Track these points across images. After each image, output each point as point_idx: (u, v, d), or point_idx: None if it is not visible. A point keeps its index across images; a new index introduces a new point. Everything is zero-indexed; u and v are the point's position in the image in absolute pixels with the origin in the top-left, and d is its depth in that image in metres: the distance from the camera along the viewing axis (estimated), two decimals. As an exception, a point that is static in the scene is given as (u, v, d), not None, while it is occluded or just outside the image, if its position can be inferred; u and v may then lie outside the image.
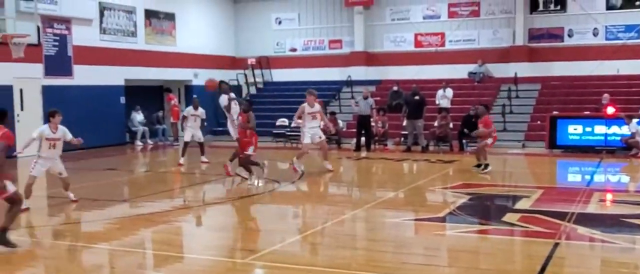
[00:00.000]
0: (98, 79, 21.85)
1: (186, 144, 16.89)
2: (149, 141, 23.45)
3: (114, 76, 22.66)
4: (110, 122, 22.53)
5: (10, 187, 7.91)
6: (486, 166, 14.73)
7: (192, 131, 16.92)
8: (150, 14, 24.58)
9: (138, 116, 23.68)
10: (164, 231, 9.23)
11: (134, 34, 23.83)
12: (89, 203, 11.28)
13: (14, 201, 7.95)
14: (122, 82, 23.17)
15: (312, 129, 14.69)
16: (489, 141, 15.14)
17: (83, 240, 8.92)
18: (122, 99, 23.28)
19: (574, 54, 23.92)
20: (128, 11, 23.59)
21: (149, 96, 25.60)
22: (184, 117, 17.39)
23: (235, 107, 14.95)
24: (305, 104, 14.67)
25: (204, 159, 16.82)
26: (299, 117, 14.88)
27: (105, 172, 16.08)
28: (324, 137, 15.18)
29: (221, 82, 16.18)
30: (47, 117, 11.16)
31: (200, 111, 17.16)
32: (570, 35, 24.32)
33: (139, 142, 23.16)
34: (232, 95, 15.61)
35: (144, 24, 24.28)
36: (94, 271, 7.42)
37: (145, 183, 15.00)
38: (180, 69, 25.69)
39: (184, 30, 26.13)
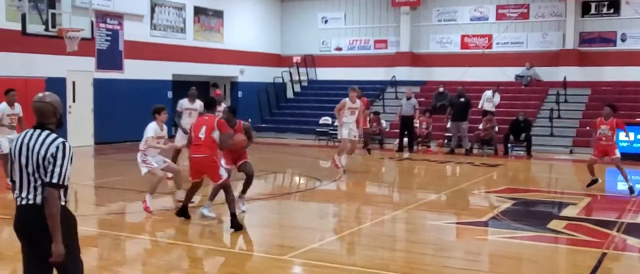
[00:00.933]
0: (147, 73, 22.27)
1: (178, 151, 13.78)
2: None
3: (162, 70, 23.07)
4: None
5: (224, 173, 8.87)
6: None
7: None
8: (199, 11, 24.88)
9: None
10: (206, 224, 9.23)
11: (183, 30, 24.17)
12: (134, 195, 11.38)
13: (228, 187, 8.80)
14: (170, 77, 23.56)
15: (349, 124, 14.40)
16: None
17: (127, 230, 9.02)
18: (170, 94, 23.57)
19: (626, 59, 23.28)
20: (178, 8, 23.92)
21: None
22: (177, 113, 14.19)
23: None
24: (347, 100, 14.37)
25: None
26: (339, 111, 14.46)
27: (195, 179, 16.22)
28: (357, 136, 14.85)
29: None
30: (153, 114, 10.36)
31: (198, 104, 13.90)
32: (623, 40, 23.67)
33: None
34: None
35: (192, 21, 24.64)
36: (137, 261, 7.50)
37: (187, 177, 15.02)
38: (226, 65, 25.95)
39: (231, 27, 26.36)
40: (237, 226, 8.62)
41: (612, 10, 23.81)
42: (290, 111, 26.12)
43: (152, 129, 10.04)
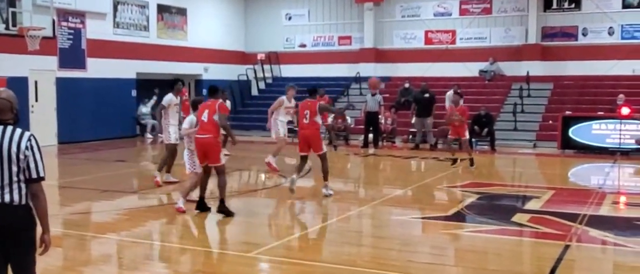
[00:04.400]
0: (110, 72, 22.05)
1: (173, 150, 12.49)
2: (160, 135, 23.37)
3: (126, 69, 22.85)
4: (122, 114, 22.76)
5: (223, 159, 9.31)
6: (455, 161, 15.00)
7: (174, 128, 12.54)
8: (162, 9, 24.67)
9: (143, 108, 23.64)
10: (172, 223, 9.18)
11: (146, 28, 23.95)
12: (99, 194, 11.24)
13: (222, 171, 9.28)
14: (133, 76, 23.35)
15: (285, 123, 14.15)
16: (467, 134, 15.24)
17: (92, 230, 8.89)
18: (134, 92, 23.40)
19: (588, 53, 23.59)
20: (141, 6, 23.69)
21: (160, 90, 25.65)
22: (163, 108, 12.61)
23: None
24: (284, 97, 13.96)
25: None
26: (275, 109, 13.83)
27: (115, 163, 16.19)
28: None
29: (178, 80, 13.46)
30: (194, 108, 9.98)
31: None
32: (584, 34, 23.99)
33: (149, 135, 23.17)
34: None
35: (156, 19, 24.43)
36: (102, 261, 7.39)
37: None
38: (191, 63, 25.77)
39: (195, 25, 26.18)
40: (226, 211, 9.14)
41: (573, 5, 24.11)
42: (255, 108, 25.95)
43: (188, 121, 10.01)
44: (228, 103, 16.73)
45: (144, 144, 21.91)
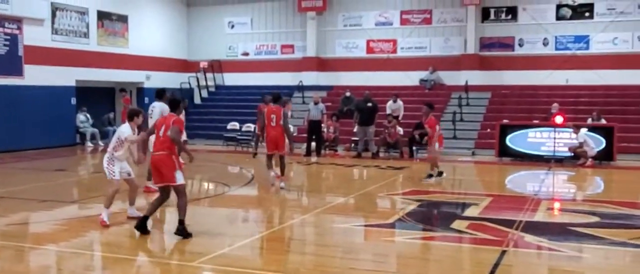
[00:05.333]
0: (49, 79, 21.66)
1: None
2: (100, 143, 23.01)
3: (65, 76, 22.46)
4: (61, 123, 22.34)
5: (180, 178, 8.65)
6: (440, 173, 14.85)
7: None
8: (102, 16, 24.31)
9: (81, 116, 23.23)
10: (113, 233, 9.01)
11: (86, 35, 23.58)
12: (37, 204, 10.96)
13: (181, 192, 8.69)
14: (73, 83, 22.92)
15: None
16: (437, 146, 15.06)
17: (30, 241, 8.70)
18: (73, 100, 23.00)
19: (524, 64, 24.28)
20: (80, 12, 23.29)
21: (101, 98, 25.31)
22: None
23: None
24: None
25: None
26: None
27: (54, 173, 15.86)
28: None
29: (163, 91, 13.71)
30: (130, 117, 9.55)
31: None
32: (520, 45, 24.67)
33: (89, 144, 22.79)
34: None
35: (96, 26, 24.07)
36: (39, 273, 7.25)
37: (94, 185, 14.63)
38: (132, 71, 25.46)
39: (136, 32, 25.88)
40: (183, 233, 8.55)
41: (510, 17, 24.77)
42: (198, 117, 25.76)
43: (128, 130, 9.40)
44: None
45: (84, 153, 21.50)
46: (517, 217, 10.08)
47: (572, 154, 18.28)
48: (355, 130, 20.86)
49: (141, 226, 8.77)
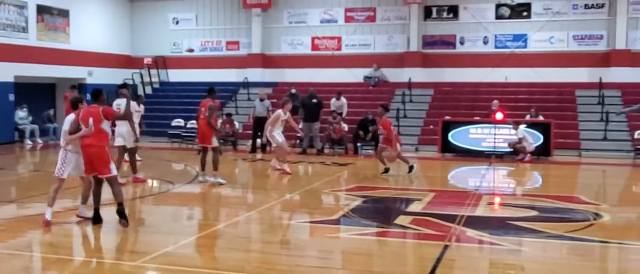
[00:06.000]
0: (-16, 74, 20.91)
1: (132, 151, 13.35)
2: (39, 140, 22.48)
3: (2, 72, 21.86)
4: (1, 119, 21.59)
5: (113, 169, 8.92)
6: (411, 168, 15.02)
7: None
8: (42, 10, 23.75)
9: (20, 113, 22.65)
10: (53, 233, 8.80)
11: (25, 29, 23.00)
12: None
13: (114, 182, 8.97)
14: (11, 79, 22.28)
15: (280, 133, 15.48)
16: (398, 146, 15.24)
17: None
18: (11, 96, 22.36)
19: (465, 61, 24.74)
20: (19, 6, 22.74)
21: (41, 94, 24.68)
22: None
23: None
24: (281, 111, 15.38)
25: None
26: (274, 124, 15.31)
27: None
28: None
29: (123, 86, 14.00)
30: (74, 107, 9.26)
31: (142, 108, 16.17)
32: (462, 43, 25.12)
33: (28, 141, 22.23)
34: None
35: (35, 20, 23.48)
36: None
37: (33, 183, 14.29)
38: (74, 66, 24.92)
39: (78, 27, 25.36)
40: (124, 215, 8.86)
41: (451, 15, 25.18)
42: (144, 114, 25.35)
43: (69, 122, 9.15)
44: (142, 108, 16.51)
45: (22, 151, 20.98)
46: (459, 212, 10.27)
47: (512, 149, 18.73)
48: (300, 126, 20.89)
49: (96, 218, 9.00)
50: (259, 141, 20.17)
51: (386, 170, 14.78)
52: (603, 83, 22.44)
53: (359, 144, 20.11)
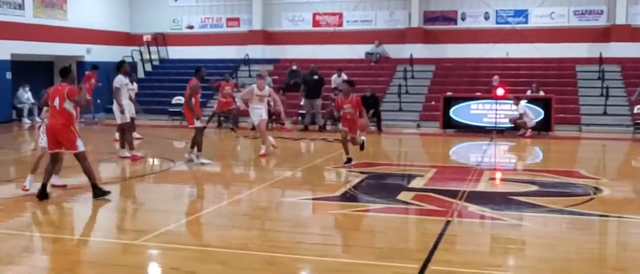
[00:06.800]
0: (-19, 52, 20.80)
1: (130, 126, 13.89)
2: (38, 118, 22.46)
3: (-1, 50, 21.61)
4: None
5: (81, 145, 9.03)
6: (349, 160, 12.71)
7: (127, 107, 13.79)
8: (38, -14, 23.51)
9: (25, 94, 22.61)
10: (53, 213, 8.83)
11: (21, 6, 22.84)
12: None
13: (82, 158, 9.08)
14: (8, 57, 22.16)
15: (258, 111, 14.40)
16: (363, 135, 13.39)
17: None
18: (8, 75, 22.29)
19: (466, 37, 24.68)
20: (14, -18, 22.50)
21: (39, 72, 24.59)
22: (116, 89, 13.79)
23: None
24: (254, 86, 14.34)
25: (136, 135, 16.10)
26: (246, 100, 14.64)
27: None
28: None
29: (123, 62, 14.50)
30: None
31: (136, 85, 16.17)
32: (463, 19, 25.04)
33: (26, 120, 22.20)
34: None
35: (32, -3, 23.26)
36: None
37: (32, 162, 14.27)
38: (71, 44, 24.79)
39: (75, 4, 25.26)
40: (100, 193, 9.01)
41: (453, -10, 25.08)
42: (141, 91, 25.22)
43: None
44: (135, 85, 16.37)
45: (21, 130, 20.98)
46: (461, 187, 10.31)
47: (513, 125, 18.76)
48: (302, 103, 20.91)
49: (42, 194, 9.02)
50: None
51: (348, 160, 12.67)
52: (603, 58, 22.40)
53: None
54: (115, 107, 13.72)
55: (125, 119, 13.53)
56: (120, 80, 13.67)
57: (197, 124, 12.71)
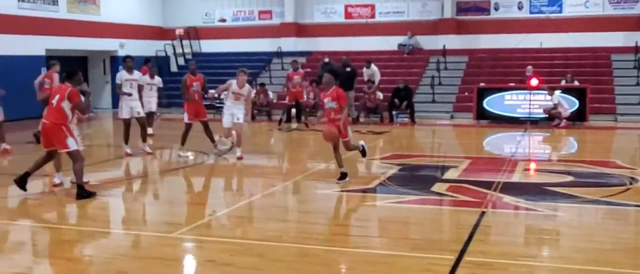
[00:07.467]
0: (16, 49, 21.15)
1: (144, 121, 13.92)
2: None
3: (33, 45, 21.99)
4: (31, 93, 21.71)
5: (72, 144, 8.94)
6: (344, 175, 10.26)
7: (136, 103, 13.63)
8: (72, -18, 23.86)
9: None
10: (89, 207, 8.93)
11: (55, 2, 23.22)
12: (9, 178, 10.79)
13: (75, 157, 8.97)
14: (43, 53, 22.49)
15: (230, 111, 12.91)
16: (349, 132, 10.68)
17: (4, 217, 8.56)
18: (43, 70, 22.52)
19: (499, 27, 24.46)
20: (48, -21, 22.86)
21: (73, 67, 24.90)
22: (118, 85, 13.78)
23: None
24: (233, 81, 12.84)
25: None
26: (220, 93, 13.45)
27: (25, 145, 15.45)
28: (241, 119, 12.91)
29: (128, 57, 14.34)
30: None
31: (157, 80, 16.34)
32: (496, 9, 24.83)
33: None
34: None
35: (65, -8, 23.60)
36: (16, 249, 7.09)
37: (67, 157, 14.51)
38: (105, 39, 25.13)
39: (108, -1, 25.47)
40: (85, 195, 8.88)
41: (486, -19, 24.87)
42: (174, 85, 25.58)
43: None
44: (158, 80, 16.60)
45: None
46: (495, 178, 10.28)
47: (547, 115, 18.59)
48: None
49: (21, 180, 9.10)
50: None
51: (343, 175, 10.23)
52: (639, 47, 22.03)
53: (394, 113, 20.11)
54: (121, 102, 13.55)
55: (125, 115, 13.30)
56: (120, 76, 13.65)
57: (185, 119, 13.21)
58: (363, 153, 11.03)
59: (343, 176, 10.12)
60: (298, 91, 19.41)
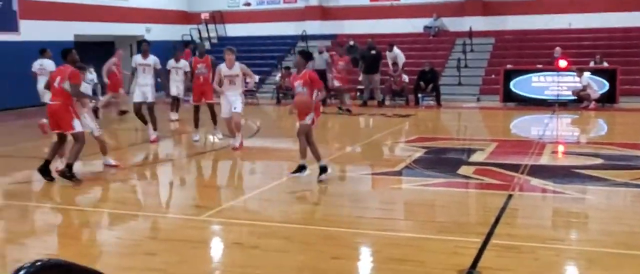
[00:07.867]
0: (46, 34, 21.16)
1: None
2: (100, 97, 22.97)
3: (62, 31, 22.03)
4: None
5: (78, 126, 9.03)
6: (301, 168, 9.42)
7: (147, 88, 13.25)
8: (98, -33, 23.94)
9: (90, 75, 23.11)
10: (118, 190, 9.09)
11: (83, -13, 23.25)
12: (39, 162, 10.94)
13: (78, 138, 9.04)
14: (71, 38, 22.62)
15: (227, 98, 11.95)
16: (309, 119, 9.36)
17: (34, 200, 8.72)
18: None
19: (527, 8, 24.10)
20: (76, -36, 22.96)
21: (100, 52, 25.12)
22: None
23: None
24: (222, 65, 11.92)
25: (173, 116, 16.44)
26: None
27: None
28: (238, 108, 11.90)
29: (144, 41, 14.36)
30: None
31: (182, 63, 15.90)
32: (523, -11, 24.48)
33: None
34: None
35: (94, -22, 23.68)
36: (47, 232, 7.21)
37: (94, 141, 14.65)
38: (132, 24, 25.25)
39: (134, -17, 25.58)
40: (68, 177, 8.92)
41: (512, -40, 24.51)
42: (201, 69, 25.77)
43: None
44: (183, 63, 16.10)
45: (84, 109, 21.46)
46: (523, 161, 10.20)
47: (576, 97, 18.35)
48: (360, 79, 20.88)
49: (44, 169, 9.12)
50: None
51: (300, 168, 9.36)
52: (671, 27, 21.63)
53: (420, 95, 20.00)
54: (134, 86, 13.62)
55: (136, 99, 13.16)
56: (135, 60, 13.61)
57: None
58: (303, 168, 9.28)
59: (299, 169, 9.28)
60: (342, 76, 19.43)
